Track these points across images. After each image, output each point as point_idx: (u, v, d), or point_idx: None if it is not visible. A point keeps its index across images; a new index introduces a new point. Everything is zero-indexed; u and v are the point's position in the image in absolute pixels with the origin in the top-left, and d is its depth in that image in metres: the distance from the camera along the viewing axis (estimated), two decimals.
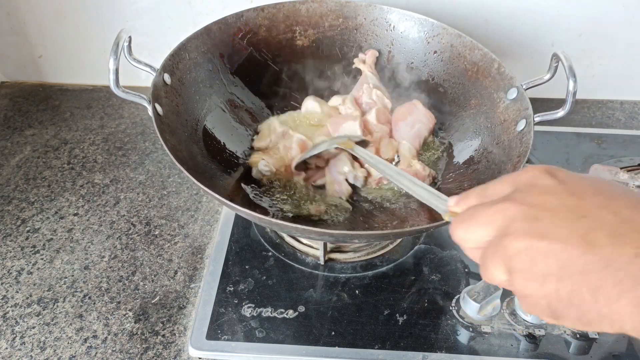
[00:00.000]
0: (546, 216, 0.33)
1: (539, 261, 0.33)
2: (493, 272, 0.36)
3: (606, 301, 0.30)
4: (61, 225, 0.75)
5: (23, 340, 0.62)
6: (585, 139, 0.91)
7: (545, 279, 0.33)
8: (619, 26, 0.92)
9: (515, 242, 0.34)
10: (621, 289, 0.30)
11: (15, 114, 0.95)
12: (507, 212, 0.35)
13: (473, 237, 0.38)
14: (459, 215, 0.40)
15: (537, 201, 0.35)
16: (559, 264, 0.32)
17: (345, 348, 0.61)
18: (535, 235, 0.33)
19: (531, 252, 0.33)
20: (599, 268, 0.31)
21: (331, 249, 0.71)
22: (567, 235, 0.32)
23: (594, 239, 0.31)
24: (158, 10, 0.92)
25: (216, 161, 0.71)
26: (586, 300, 0.31)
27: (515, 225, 0.34)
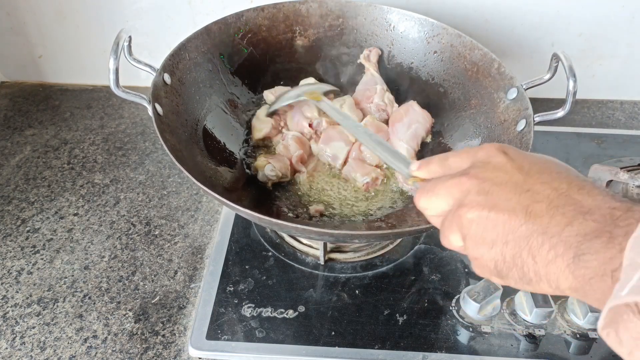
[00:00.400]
0: (496, 190, 0.38)
1: (488, 229, 0.38)
2: (450, 237, 0.41)
3: (543, 262, 0.35)
4: (61, 225, 0.75)
5: (23, 340, 0.62)
6: (585, 139, 0.91)
7: (493, 243, 0.38)
8: (619, 26, 0.92)
9: (469, 212, 0.39)
10: (555, 252, 0.34)
11: (15, 114, 0.95)
12: (463, 186, 0.40)
13: (433, 207, 0.43)
14: (422, 186, 0.45)
15: (489, 176, 0.39)
16: (505, 231, 0.37)
17: (345, 348, 0.61)
18: (486, 207, 0.38)
19: (482, 221, 0.38)
20: (538, 234, 0.35)
21: (331, 249, 0.71)
22: (512, 206, 0.37)
23: (535, 210, 0.36)
24: (158, 10, 0.92)
25: (216, 161, 0.71)
26: (527, 262, 0.36)
27: (470, 197, 0.39)
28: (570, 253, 0.33)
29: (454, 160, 0.44)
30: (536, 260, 0.35)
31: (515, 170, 0.39)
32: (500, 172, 0.39)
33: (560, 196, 0.36)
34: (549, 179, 0.37)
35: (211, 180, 0.67)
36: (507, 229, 0.37)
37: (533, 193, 0.37)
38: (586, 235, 0.33)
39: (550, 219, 0.35)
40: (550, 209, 0.35)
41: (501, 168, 0.39)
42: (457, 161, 0.44)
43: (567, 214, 0.35)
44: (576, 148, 0.89)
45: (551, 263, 0.34)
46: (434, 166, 0.46)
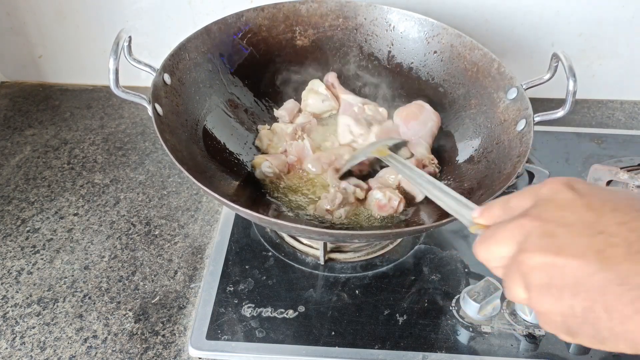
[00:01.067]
0: (562, 232, 0.34)
1: (554, 277, 0.33)
2: (513, 289, 0.36)
3: (620, 319, 0.31)
4: (61, 225, 0.75)
5: (23, 340, 0.62)
6: (585, 139, 0.91)
7: (561, 295, 0.33)
8: (619, 26, 0.92)
9: (532, 257, 0.34)
10: (636, 307, 0.30)
11: (15, 114, 0.95)
12: (524, 229, 0.36)
13: (494, 256, 0.38)
14: (480, 235, 0.40)
15: (554, 216, 0.35)
16: (574, 280, 0.32)
17: (345, 348, 0.61)
18: (551, 251, 0.33)
19: (547, 268, 0.33)
20: (614, 285, 0.31)
21: (331, 249, 0.71)
22: (583, 251, 0.32)
23: (610, 256, 0.31)
24: (158, 10, 0.92)
25: (216, 161, 0.71)
26: (600, 317, 0.31)
27: (532, 240, 0.35)
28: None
29: (517, 202, 0.40)
30: (612, 316, 0.31)
31: (584, 208, 0.34)
32: (566, 211, 0.35)
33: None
34: (626, 218, 0.33)
35: (211, 180, 0.67)
36: (576, 277, 0.32)
37: (607, 236, 0.32)
38: None
39: (629, 266, 0.31)
40: (629, 255, 0.31)
41: (568, 206, 0.35)
42: (519, 200, 0.39)
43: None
44: (576, 148, 0.89)
45: (629, 320, 0.30)
46: (496, 210, 0.42)
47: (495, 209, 0.42)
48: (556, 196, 0.36)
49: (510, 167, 0.64)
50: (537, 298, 0.34)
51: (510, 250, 0.37)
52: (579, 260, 0.32)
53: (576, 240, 0.33)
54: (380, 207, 0.68)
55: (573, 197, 0.35)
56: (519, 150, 0.65)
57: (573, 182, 0.37)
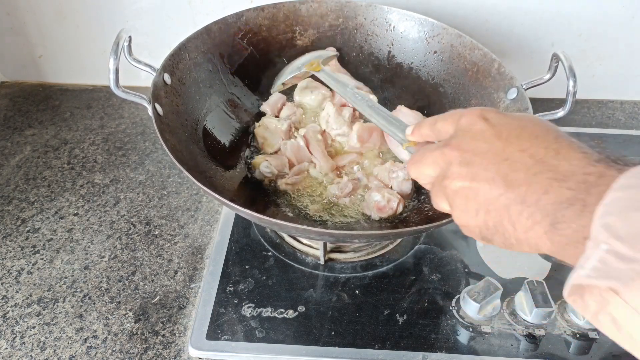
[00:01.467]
0: (476, 160, 0.40)
1: (470, 199, 0.40)
2: (439, 204, 0.44)
3: (523, 229, 0.37)
4: (61, 225, 0.75)
5: (23, 340, 0.62)
6: (585, 139, 0.90)
7: (477, 212, 0.40)
8: (619, 26, 0.92)
9: (452, 183, 0.41)
10: (533, 220, 0.36)
11: (15, 114, 0.95)
12: (446, 157, 0.42)
13: (423, 175, 0.46)
14: (412, 156, 0.48)
15: (470, 146, 0.41)
16: (486, 201, 0.39)
17: (345, 348, 0.61)
18: (467, 178, 0.40)
19: (465, 192, 0.40)
20: (516, 203, 0.37)
21: (331, 249, 0.71)
22: (492, 176, 0.39)
23: (513, 179, 0.37)
24: (158, 10, 0.92)
25: (216, 161, 0.71)
26: (508, 229, 0.38)
27: (452, 169, 0.41)
28: (547, 220, 0.35)
29: (442, 125, 0.47)
30: (516, 228, 0.37)
31: (494, 138, 0.40)
32: (480, 141, 0.41)
33: (537, 163, 0.37)
34: (527, 145, 0.38)
35: (211, 180, 0.67)
36: (488, 198, 0.39)
37: (511, 162, 0.38)
38: (561, 203, 0.34)
39: (527, 187, 0.36)
40: (527, 177, 0.37)
41: (481, 136, 0.41)
42: (444, 125, 0.46)
43: (543, 182, 0.36)
44: None
45: (530, 230, 0.36)
46: (425, 129, 0.49)
47: (425, 128, 0.50)
48: (472, 127, 0.42)
49: None
50: (458, 215, 0.42)
51: (435, 171, 0.44)
52: (489, 184, 0.39)
53: (487, 167, 0.39)
54: (379, 208, 0.67)
55: (486, 128, 0.41)
56: None
57: (486, 112, 0.42)
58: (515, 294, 0.65)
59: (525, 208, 0.36)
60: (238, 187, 0.71)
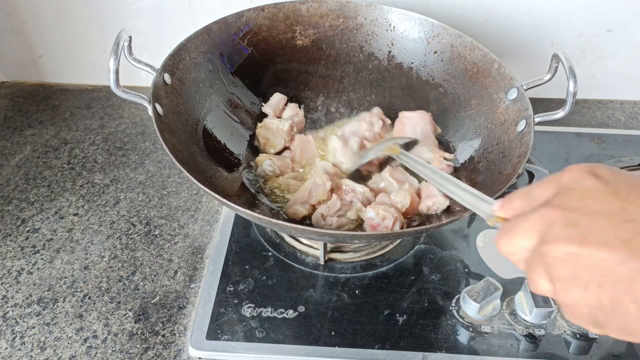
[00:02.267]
0: (587, 221, 0.32)
1: (579, 268, 0.32)
2: (537, 281, 0.35)
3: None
4: (61, 225, 0.75)
5: (23, 340, 0.62)
6: (585, 139, 0.91)
7: (587, 286, 0.31)
8: (619, 26, 0.92)
9: (555, 248, 0.33)
10: None
11: (15, 114, 0.95)
12: (546, 219, 0.34)
13: (516, 249, 0.37)
14: (501, 228, 0.39)
15: (577, 205, 0.33)
16: (601, 270, 0.31)
17: (345, 348, 0.61)
18: (575, 241, 0.32)
19: (571, 259, 0.32)
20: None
21: (331, 249, 0.71)
22: (609, 240, 0.31)
23: (638, 246, 0.30)
24: (158, 10, 0.92)
25: (216, 161, 0.71)
26: (629, 309, 0.30)
27: (555, 231, 0.33)
28: None
29: (538, 192, 0.38)
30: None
31: (610, 195, 0.32)
32: (590, 199, 0.33)
33: None
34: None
35: (211, 180, 0.67)
36: (603, 268, 0.31)
37: (636, 224, 0.31)
38: None
39: None
40: None
41: (592, 194, 0.33)
42: (540, 190, 0.37)
43: None
44: (576, 148, 0.89)
45: None
46: (517, 202, 0.40)
47: (517, 200, 0.40)
48: (579, 184, 0.34)
49: (510, 168, 0.64)
50: (562, 290, 0.33)
51: (532, 242, 0.35)
52: (606, 250, 0.31)
53: (602, 230, 0.31)
54: (372, 227, 0.65)
55: (597, 185, 0.33)
56: (519, 150, 0.65)
57: (596, 168, 0.35)
58: (515, 294, 0.65)
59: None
60: (238, 187, 0.71)
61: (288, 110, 0.79)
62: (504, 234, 0.37)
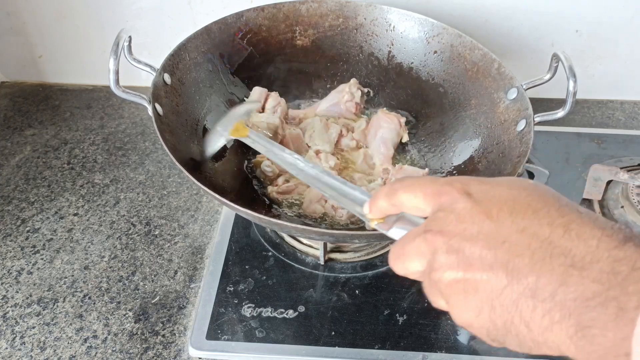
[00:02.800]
0: (467, 246, 0.33)
1: (469, 293, 0.32)
2: (434, 301, 0.36)
3: (539, 330, 0.30)
4: (61, 225, 0.75)
5: (23, 340, 0.62)
6: (585, 139, 0.91)
7: (479, 310, 0.32)
8: (619, 26, 0.92)
9: (443, 276, 0.33)
10: (550, 319, 0.29)
11: (15, 114, 0.95)
12: (430, 245, 0.35)
13: (410, 272, 0.37)
14: (392, 250, 0.38)
15: (456, 230, 0.33)
16: (488, 295, 0.31)
17: (345, 348, 0.61)
18: (460, 268, 0.33)
19: (459, 284, 0.33)
20: (526, 298, 0.30)
21: (331, 249, 0.71)
22: (490, 264, 0.31)
23: (516, 267, 0.30)
24: (158, 10, 0.92)
25: (216, 161, 0.71)
26: (521, 329, 0.31)
27: (439, 258, 0.34)
28: (571, 322, 0.28)
29: (406, 198, 0.38)
30: (530, 328, 0.30)
31: (482, 216, 0.33)
32: (467, 223, 0.33)
33: (543, 245, 0.30)
34: (525, 222, 0.32)
35: (211, 180, 0.67)
36: (489, 292, 0.31)
37: (510, 245, 0.31)
38: (587, 300, 0.28)
39: (537, 277, 0.30)
40: (535, 264, 0.30)
41: (467, 216, 0.33)
42: (410, 199, 0.38)
43: (557, 270, 0.29)
44: (576, 148, 0.89)
45: (548, 330, 0.29)
46: (382, 202, 0.40)
47: (381, 200, 0.40)
48: (455, 206, 0.34)
49: (510, 168, 0.64)
50: (457, 314, 0.34)
51: (422, 265, 0.36)
52: (489, 274, 0.31)
53: (482, 254, 0.32)
54: None
55: (470, 206, 0.34)
56: (519, 150, 0.65)
57: (467, 185, 0.35)
58: None
59: (538, 304, 0.29)
60: (238, 187, 0.71)
61: (270, 101, 0.76)
62: (395, 259, 0.38)
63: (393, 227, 0.41)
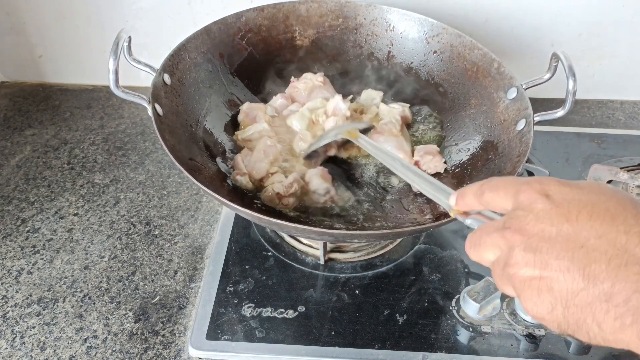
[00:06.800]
0: (545, 247, 0.34)
1: (544, 291, 0.34)
2: (504, 289, 0.38)
3: (611, 331, 0.32)
4: (61, 225, 0.75)
5: (23, 340, 0.62)
6: (585, 139, 0.91)
7: (552, 307, 0.34)
8: (619, 26, 0.92)
9: (519, 272, 0.35)
10: (622, 322, 0.31)
11: (15, 114, 0.95)
12: (508, 241, 0.37)
13: (484, 259, 0.40)
14: (469, 237, 0.41)
15: (534, 230, 0.35)
16: (563, 295, 0.33)
17: (345, 348, 0.61)
18: (537, 266, 0.34)
19: (535, 283, 0.34)
20: (601, 301, 0.32)
21: (331, 249, 0.71)
22: (567, 266, 0.33)
23: (594, 272, 0.32)
24: (158, 10, 0.92)
25: (216, 161, 0.71)
26: (592, 328, 0.33)
27: (517, 255, 0.35)
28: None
29: (491, 197, 0.41)
30: (602, 328, 0.32)
31: (562, 219, 0.34)
32: (545, 224, 0.35)
33: (619, 253, 0.32)
34: (603, 229, 0.33)
35: (211, 180, 0.67)
36: (565, 292, 0.33)
37: (588, 250, 0.33)
38: None
39: (612, 283, 0.31)
40: (611, 271, 0.32)
41: (546, 218, 0.35)
42: (494, 198, 0.41)
43: (632, 278, 0.31)
44: (576, 148, 0.89)
45: (619, 332, 0.31)
46: (469, 199, 0.43)
47: (468, 197, 0.43)
48: (534, 206, 0.36)
49: (510, 167, 0.64)
50: (530, 307, 0.35)
51: (496, 255, 0.38)
52: (565, 276, 0.33)
53: (559, 255, 0.34)
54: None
55: (549, 207, 0.35)
56: (519, 150, 0.65)
57: (547, 188, 0.36)
58: None
59: (612, 308, 0.31)
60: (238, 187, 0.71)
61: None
62: (471, 247, 0.41)
63: (470, 218, 0.45)
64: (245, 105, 0.76)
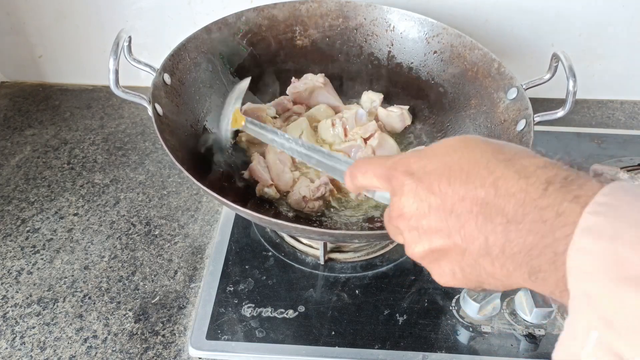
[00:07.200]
0: (424, 223, 0.36)
1: (440, 260, 0.37)
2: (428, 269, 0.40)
3: (503, 278, 0.34)
4: (61, 225, 0.75)
5: (23, 340, 0.62)
6: (585, 139, 0.91)
7: (454, 273, 0.37)
8: (619, 26, 0.92)
9: (415, 251, 0.38)
10: (507, 269, 0.33)
11: (15, 114, 0.95)
12: (397, 227, 0.39)
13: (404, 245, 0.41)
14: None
15: (411, 211, 0.37)
16: (455, 258, 0.36)
17: (345, 348, 0.61)
18: (425, 243, 0.37)
19: (431, 256, 0.37)
20: (483, 256, 0.34)
21: (331, 249, 0.71)
22: (447, 233, 0.35)
23: (468, 233, 0.34)
24: (158, 10, 0.92)
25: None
26: (489, 280, 0.35)
27: (407, 238, 0.38)
28: (523, 270, 0.32)
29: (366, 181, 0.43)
30: (496, 277, 0.35)
31: (427, 193, 0.36)
32: (417, 202, 0.37)
33: (482, 209, 0.33)
34: (463, 191, 0.34)
35: (211, 180, 0.67)
36: (455, 256, 0.36)
37: (457, 214, 0.34)
38: (529, 251, 0.31)
39: (485, 239, 0.33)
40: (481, 227, 0.33)
41: (415, 196, 0.37)
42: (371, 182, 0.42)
43: (498, 229, 0.33)
44: (576, 148, 0.89)
45: (509, 277, 0.34)
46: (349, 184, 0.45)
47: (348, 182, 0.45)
48: (403, 188, 0.38)
49: None
50: (437, 278, 0.39)
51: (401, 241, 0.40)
52: (448, 242, 0.35)
53: (438, 226, 0.36)
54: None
55: (416, 185, 0.37)
56: None
57: (409, 166, 0.38)
58: (515, 294, 0.65)
59: (494, 260, 0.33)
60: (238, 187, 0.71)
61: None
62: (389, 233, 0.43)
63: (376, 193, 0.45)
64: (246, 105, 0.77)
